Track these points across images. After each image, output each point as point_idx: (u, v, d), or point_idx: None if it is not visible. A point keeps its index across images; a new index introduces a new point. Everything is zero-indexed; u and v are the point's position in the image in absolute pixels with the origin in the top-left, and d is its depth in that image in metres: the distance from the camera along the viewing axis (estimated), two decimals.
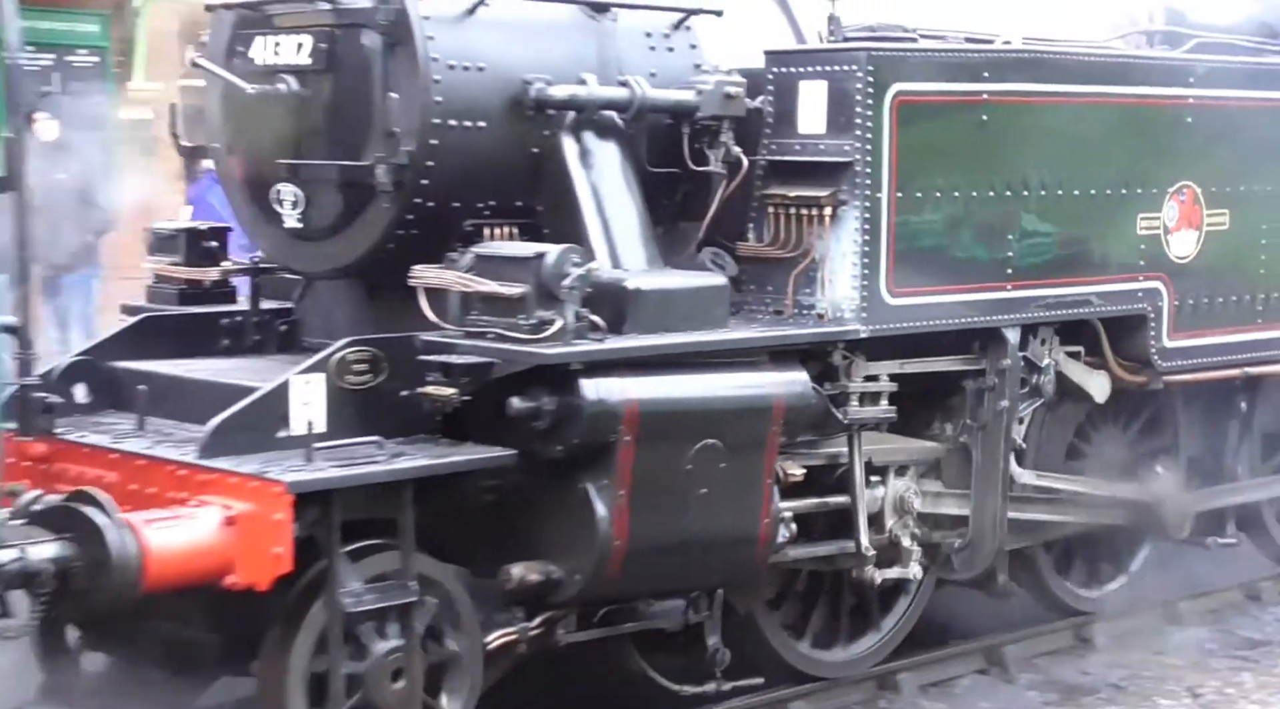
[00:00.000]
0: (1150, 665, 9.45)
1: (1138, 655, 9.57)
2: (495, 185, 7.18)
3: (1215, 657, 9.65)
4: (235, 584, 6.05)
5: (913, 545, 8.25)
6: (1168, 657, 9.60)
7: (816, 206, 7.58)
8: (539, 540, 6.89)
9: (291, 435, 6.47)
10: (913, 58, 7.73)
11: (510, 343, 6.60)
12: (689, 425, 6.96)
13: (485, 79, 7.03)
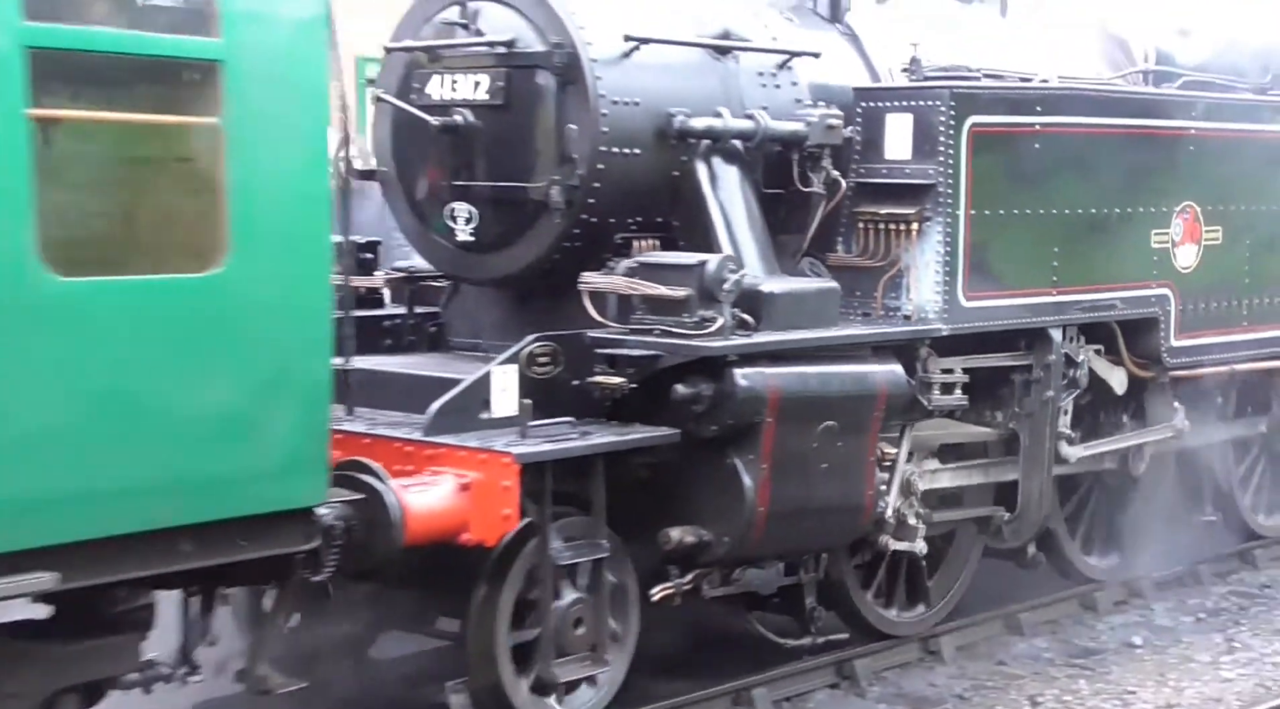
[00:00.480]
0: (993, 676, 9.66)
1: (982, 666, 9.79)
2: (643, 203, 8.37)
3: (1054, 666, 9.89)
4: (469, 541, 7.17)
5: (919, 523, 9.38)
6: (1010, 667, 9.83)
7: (904, 222, 8.86)
8: (692, 508, 8.06)
9: (493, 417, 7.61)
10: (984, 94, 9.06)
11: (676, 338, 7.79)
12: (815, 409, 8.19)
13: (639, 112, 8.23)
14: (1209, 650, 10.29)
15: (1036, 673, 9.74)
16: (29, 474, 5.41)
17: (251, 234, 5.92)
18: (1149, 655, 10.17)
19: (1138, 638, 10.49)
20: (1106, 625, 10.77)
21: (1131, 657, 10.13)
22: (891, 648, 9.54)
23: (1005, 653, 10.08)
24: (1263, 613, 11.23)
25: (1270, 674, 9.88)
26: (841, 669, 9.24)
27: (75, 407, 5.51)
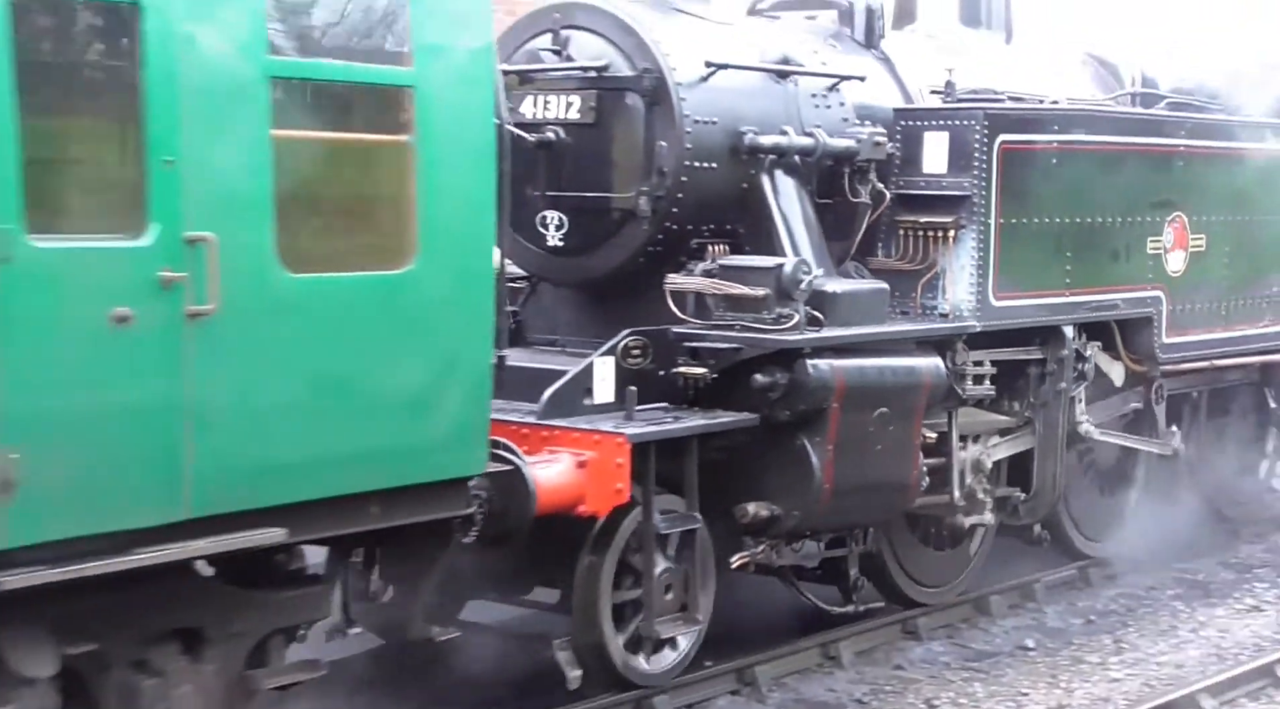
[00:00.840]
0: (891, 680, 9.86)
1: (880, 671, 10.01)
2: (716, 212, 9.36)
3: (950, 669, 10.10)
4: (585, 511, 8.12)
5: (986, 497, 10.54)
6: (907, 671, 10.05)
7: (941, 230, 9.92)
8: (765, 485, 9.06)
9: (594, 403, 8.57)
10: (1011, 114, 10.14)
11: (756, 332, 8.78)
12: (872, 396, 9.21)
13: (716, 130, 9.22)
14: (1098, 652, 10.57)
15: (933, 676, 9.94)
16: (267, 444, 6.31)
17: (434, 237, 6.85)
18: (1041, 657, 10.41)
19: (1030, 640, 10.71)
20: (1000, 629, 11.00)
21: (1024, 659, 10.38)
22: (790, 654, 9.70)
23: (903, 657, 10.28)
24: (1149, 614, 11.54)
25: (1155, 674, 10.21)
26: (742, 675, 9.37)
27: (302, 385, 6.41)
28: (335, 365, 6.54)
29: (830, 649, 10.00)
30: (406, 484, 6.96)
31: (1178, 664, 10.42)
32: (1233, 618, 11.56)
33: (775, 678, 9.56)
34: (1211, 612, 11.67)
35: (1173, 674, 10.15)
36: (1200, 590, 12.19)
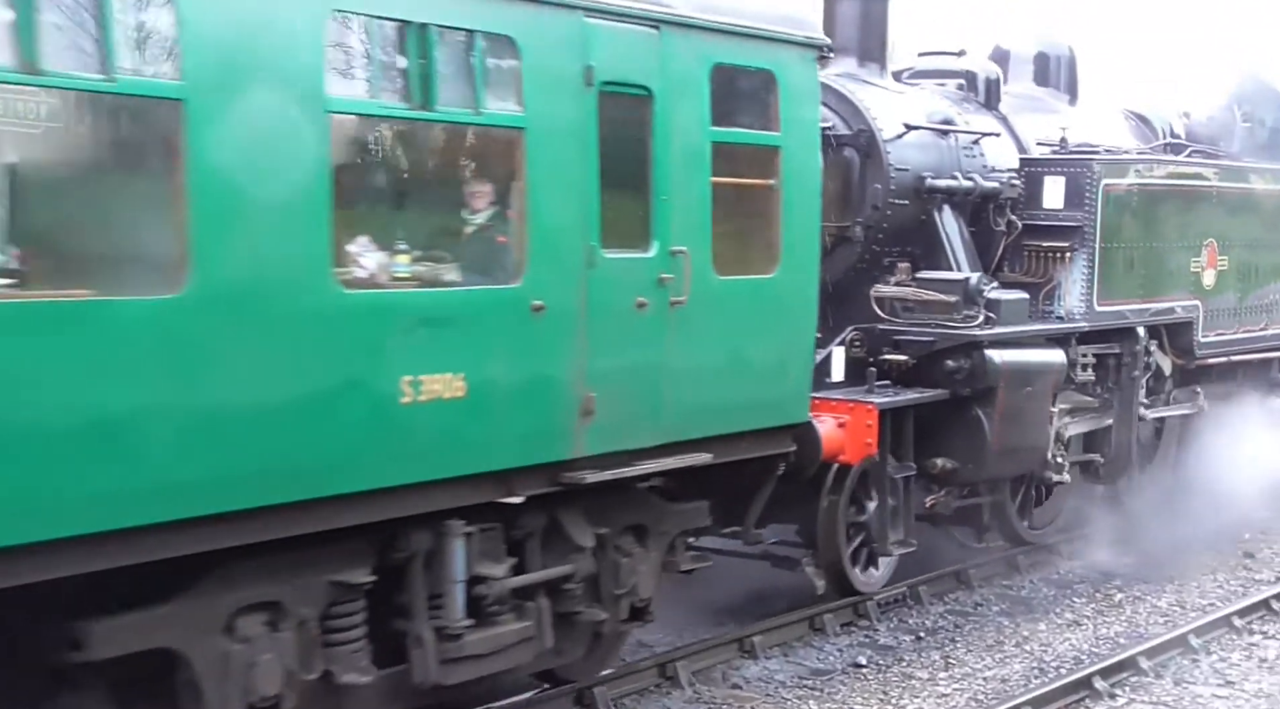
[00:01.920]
0: (727, 699, 10.24)
1: (716, 690, 10.38)
2: (903, 237, 12.41)
3: (785, 687, 10.52)
4: (844, 460, 11.09)
5: (1065, 461, 13.55)
6: (743, 689, 10.46)
7: (1059, 252, 13.06)
8: (948, 446, 12.08)
9: (831, 380, 11.58)
10: (1110, 163, 13.32)
11: (951, 328, 11.84)
12: (1025, 379, 12.28)
13: (907, 176, 12.27)
14: (928, 668, 11.15)
15: (768, 695, 10.33)
16: (702, 394, 9.17)
17: (789, 252, 9.82)
18: (873, 674, 10.95)
19: (863, 657, 11.27)
20: (834, 646, 11.52)
21: (857, 676, 10.90)
22: (628, 674, 10.19)
23: (739, 676, 10.70)
24: (976, 630, 12.15)
25: (983, 688, 10.77)
26: (581, 698, 9.78)
27: (722, 354, 9.32)
28: (738, 341, 9.46)
29: (668, 669, 10.41)
30: (764, 427, 9.87)
31: (1003, 678, 11.02)
32: (1054, 632, 12.24)
33: (613, 699, 9.90)
34: (1034, 626, 12.36)
35: (998, 688, 10.76)
36: (1023, 606, 12.98)
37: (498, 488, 8.17)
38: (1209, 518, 14.59)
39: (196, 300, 6.56)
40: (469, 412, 7.75)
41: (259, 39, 6.74)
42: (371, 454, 7.37)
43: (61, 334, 6.13)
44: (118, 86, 6.24)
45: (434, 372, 7.55)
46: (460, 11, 7.63)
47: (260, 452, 6.87)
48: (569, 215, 8.24)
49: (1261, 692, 10.88)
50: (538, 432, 8.24)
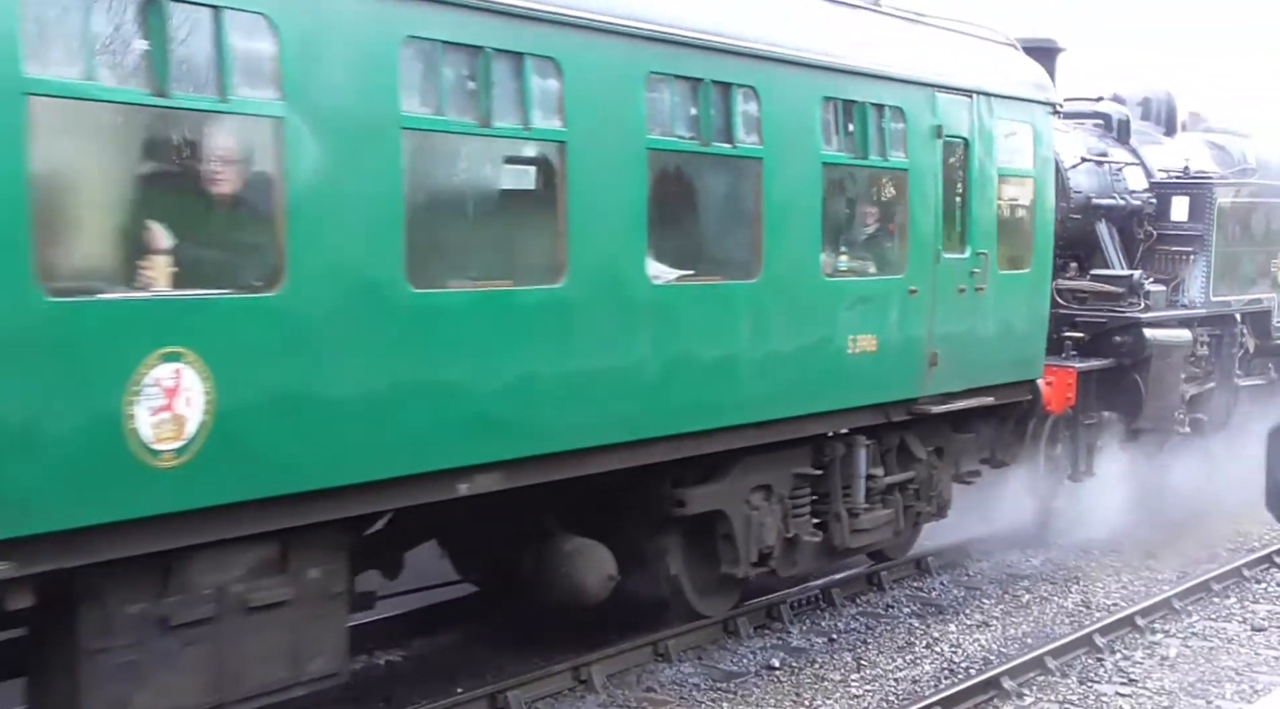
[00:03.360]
0: (642, 702, 10.28)
1: (631, 694, 10.45)
2: (1073, 243, 16.49)
3: (699, 690, 10.63)
4: (1052, 410, 15.13)
5: (1185, 416, 17.62)
6: (657, 693, 10.52)
7: (1185, 255, 17.19)
8: (1113, 402, 16.16)
9: None
10: (1222, 184, 17.46)
11: (1119, 313, 15.93)
12: (1169, 351, 16.33)
13: (1080, 197, 16.35)
14: (840, 669, 11.30)
15: (683, 698, 10.46)
16: (965, 357, 13.17)
17: (1036, 254, 13.86)
18: (786, 677, 11.06)
19: (776, 660, 11.42)
20: (748, 649, 11.68)
21: (771, 678, 11.02)
22: (543, 677, 10.38)
23: (653, 679, 10.81)
24: (887, 632, 12.43)
25: (894, 689, 10.97)
26: (494, 700, 9.95)
27: (993, 326, 13.33)
28: (1009, 318, 13.44)
29: (582, 672, 10.57)
30: (1017, 380, 13.86)
31: (914, 679, 11.25)
32: (963, 633, 12.56)
33: (528, 701, 10.06)
34: (944, 628, 12.68)
35: (909, 689, 11.01)
36: (934, 607, 13.34)
37: (879, 414, 12.14)
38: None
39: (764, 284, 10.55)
40: (877, 361, 11.73)
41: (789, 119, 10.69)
42: (833, 387, 11.34)
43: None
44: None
45: (863, 333, 11.51)
46: (888, 94, 11.64)
47: (774, 384, 10.73)
48: (929, 228, 12.24)
49: (1163, 689, 11.32)
50: (906, 376, 12.22)
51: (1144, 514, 16.14)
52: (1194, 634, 12.75)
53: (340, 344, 7.70)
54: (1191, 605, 13.56)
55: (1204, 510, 16.86)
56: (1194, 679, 11.46)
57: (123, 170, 7.12)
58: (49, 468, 6.52)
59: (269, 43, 7.36)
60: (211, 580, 7.48)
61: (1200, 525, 16.59)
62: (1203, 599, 13.79)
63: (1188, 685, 11.31)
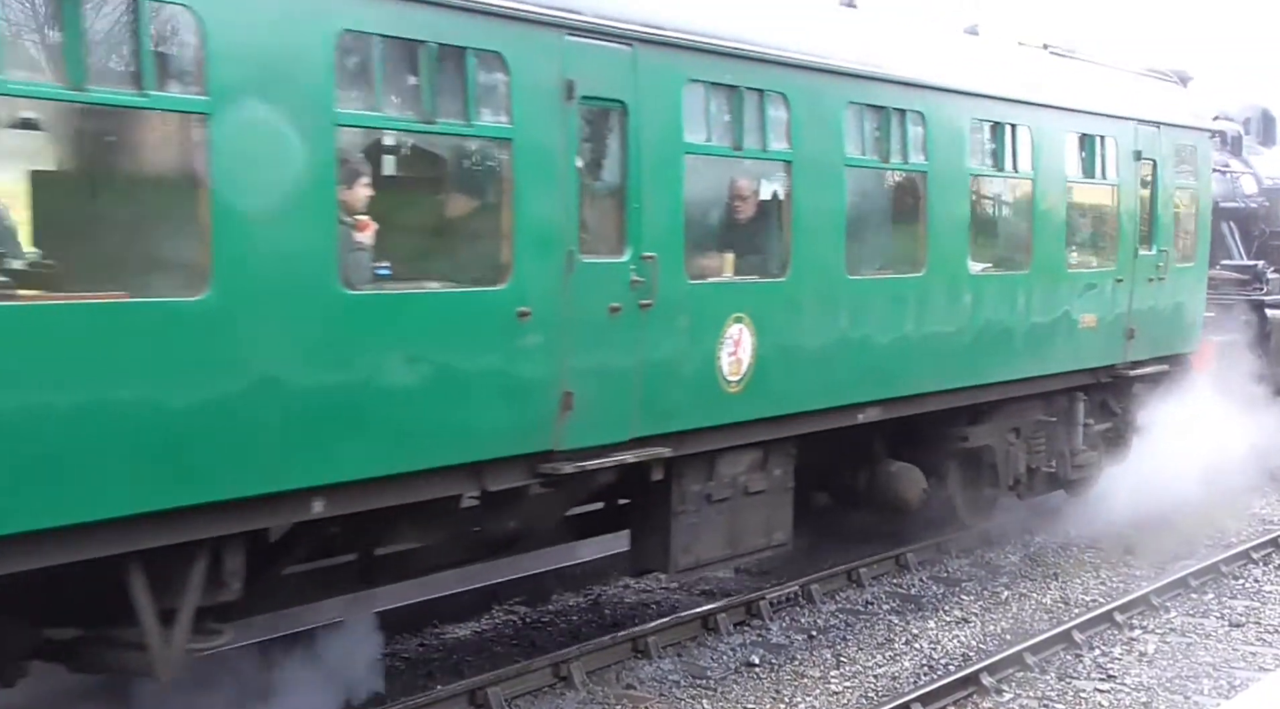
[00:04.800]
0: (622, 699, 10.25)
1: (610, 690, 10.41)
2: None
3: (679, 687, 10.62)
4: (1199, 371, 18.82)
5: None
6: (637, 690, 10.50)
7: None
8: None
9: None
10: None
11: (1246, 296, 19.64)
12: None
13: (1222, 202, 20.07)
14: (819, 666, 11.27)
15: (662, 695, 10.43)
16: (1166, 328, 16.87)
17: (1199, 250, 17.58)
18: (765, 674, 11.02)
19: (755, 657, 11.37)
20: (727, 646, 11.63)
21: (750, 675, 10.98)
22: (523, 674, 10.39)
23: (633, 676, 10.76)
24: (867, 628, 12.34)
25: (874, 685, 10.93)
26: (474, 697, 9.85)
27: (1173, 307, 17.01)
28: (1179, 301, 17.02)
29: (561, 669, 10.52)
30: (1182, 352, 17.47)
31: (893, 675, 11.22)
32: (943, 629, 12.55)
33: (508, 698, 9.98)
34: (924, 624, 12.61)
35: (889, 685, 10.97)
36: (913, 604, 13.34)
37: (1092, 377, 15.81)
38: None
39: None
40: (1095, 334, 15.40)
41: (1052, 151, 14.36)
42: (1068, 354, 14.98)
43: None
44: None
45: (1088, 312, 15.18)
46: (1108, 127, 15.33)
47: (1035, 349, 14.33)
48: (1131, 230, 15.94)
49: (1141, 684, 11.32)
50: (1111, 346, 15.88)
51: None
52: (1172, 630, 12.99)
53: (819, 313, 11.32)
54: (1170, 601, 13.81)
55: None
56: (1172, 675, 11.67)
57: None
58: (685, 392, 10.18)
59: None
60: (730, 473, 11.10)
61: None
62: (1181, 595, 14.10)
63: (1166, 681, 11.49)
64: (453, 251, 9.02)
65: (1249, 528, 17.08)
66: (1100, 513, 16.19)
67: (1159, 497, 16.15)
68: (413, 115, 8.37)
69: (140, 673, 7.73)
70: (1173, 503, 16.25)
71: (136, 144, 7.65)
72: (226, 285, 7.28)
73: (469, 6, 8.48)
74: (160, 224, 7.62)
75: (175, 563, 7.50)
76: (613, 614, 12.37)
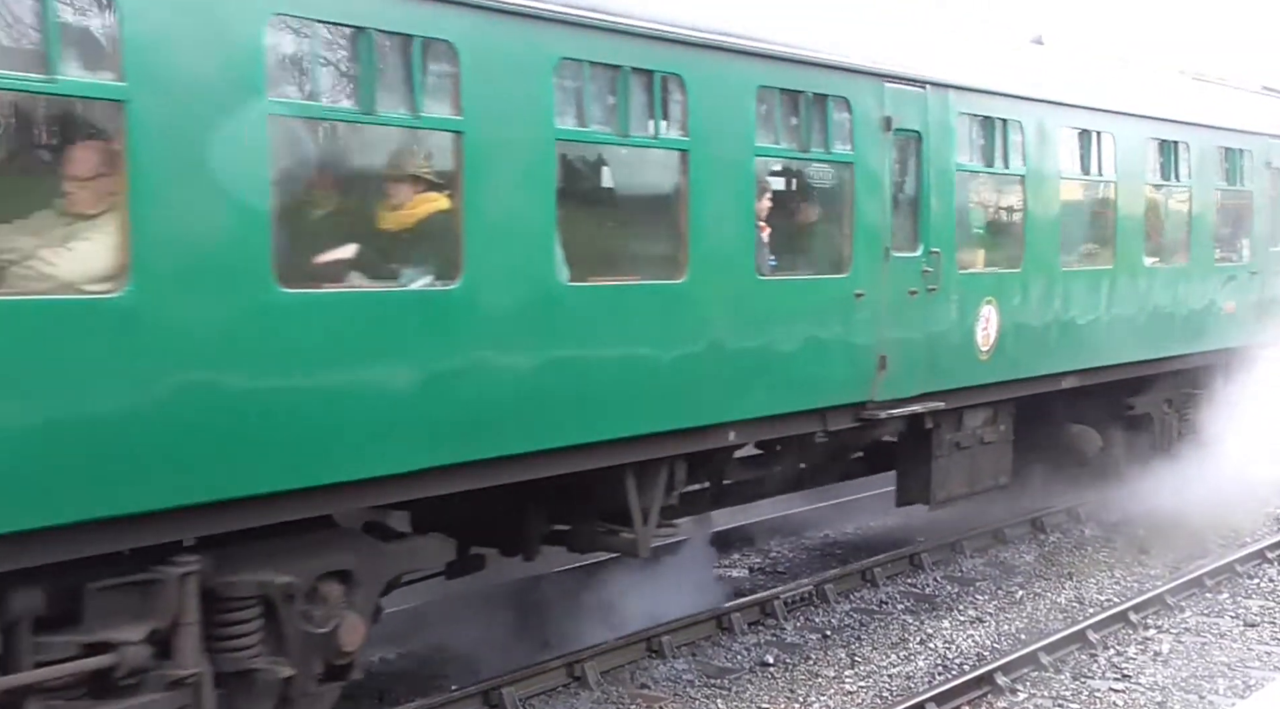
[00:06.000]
0: (636, 699, 10.33)
1: (625, 689, 10.50)
2: None
3: (693, 687, 10.65)
4: None
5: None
6: (651, 689, 10.58)
7: None
8: None
9: None
10: None
11: None
12: None
13: None
14: (834, 665, 11.32)
15: (676, 694, 10.47)
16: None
17: None
18: (780, 673, 11.07)
19: (770, 656, 11.42)
20: (741, 645, 11.65)
21: (764, 675, 11.02)
22: (537, 674, 10.47)
23: (647, 676, 10.82)
24: (881, 628, 12.36)
25: (888, 685, 10.95)
26: (488, 697, 9.97)
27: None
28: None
29: (576, 668, 10.59)
30: None
31: (908, 675, 11.21)
32: (957, 629, 12.54)
33: (522, 698, 10.07)
34: (938, 624, 12.63)
35: (903, 685, 10.95)
36: (927, 603, 13.33)
37: (1226, 355, 18.63)
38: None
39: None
40: (1232, 318, 18.26)
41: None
42: (1215, 334, 17.81)
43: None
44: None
45: (1229, 300, 18.07)
46: None
47: (1194, 330, 17.22)
48: (1263, 230, 18.80)
49: (1156, 684, 11.31)
50: (1243, 328, 18.64)
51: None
52: (1187, 630, 13.01)
53: (1041, 297, 14.26)
54: (1184, 601, 13.86)
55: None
56: (1187, 675, 11.68)
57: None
58: (953, 358, 13.11)
59: None
60: (972, 425, 14.01)
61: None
62: (1195, 594, 14.14)
63: (1181, 681, 11.50)
64: (813, 248, 11.95)
65: (1263, 527, 17.41)
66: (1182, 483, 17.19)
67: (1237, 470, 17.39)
68: (795, 146, 11.33)
69: (624, 552, 10.68)
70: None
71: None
72: (695, 274, 10.25)
73: (831, 64, 11.45)
74: (653, 230, 10.60)
75: (648, 475, 10.45)
76: (628, 613, 12.31)
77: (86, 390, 6.92)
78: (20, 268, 6.92)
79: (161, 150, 7.11)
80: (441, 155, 8.67)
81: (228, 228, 7.45)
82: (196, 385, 7.33)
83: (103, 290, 7.02)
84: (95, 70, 6.95)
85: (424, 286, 8.59)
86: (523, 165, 8.96)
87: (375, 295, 8.32)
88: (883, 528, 16.71)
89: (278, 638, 8.27)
